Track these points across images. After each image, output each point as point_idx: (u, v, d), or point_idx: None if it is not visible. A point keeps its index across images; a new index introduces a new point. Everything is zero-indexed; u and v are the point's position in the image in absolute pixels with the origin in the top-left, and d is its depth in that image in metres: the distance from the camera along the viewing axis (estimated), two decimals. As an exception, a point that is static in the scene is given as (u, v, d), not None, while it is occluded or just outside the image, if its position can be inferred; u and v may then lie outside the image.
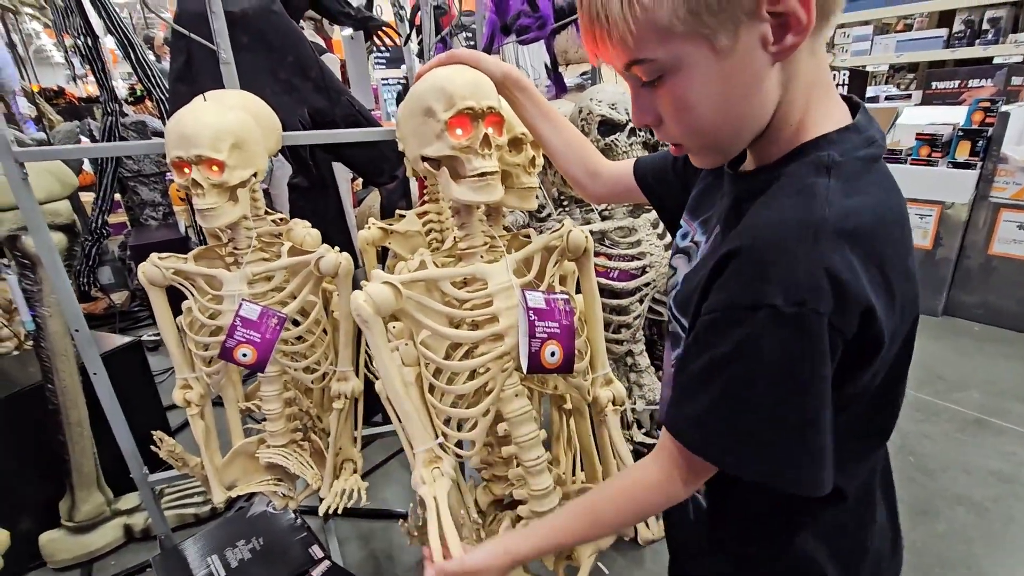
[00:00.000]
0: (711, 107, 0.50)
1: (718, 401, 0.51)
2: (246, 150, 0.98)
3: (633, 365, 1.34)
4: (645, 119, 0.54)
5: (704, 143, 0.54)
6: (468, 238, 0.92)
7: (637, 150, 1.18)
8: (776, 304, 0.46)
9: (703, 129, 0.51)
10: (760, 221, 0.50)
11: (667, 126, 0.53)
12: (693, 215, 0.69)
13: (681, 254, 0.68)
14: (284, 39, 1.63)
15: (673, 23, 0.45)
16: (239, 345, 1.01)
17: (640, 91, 0.52)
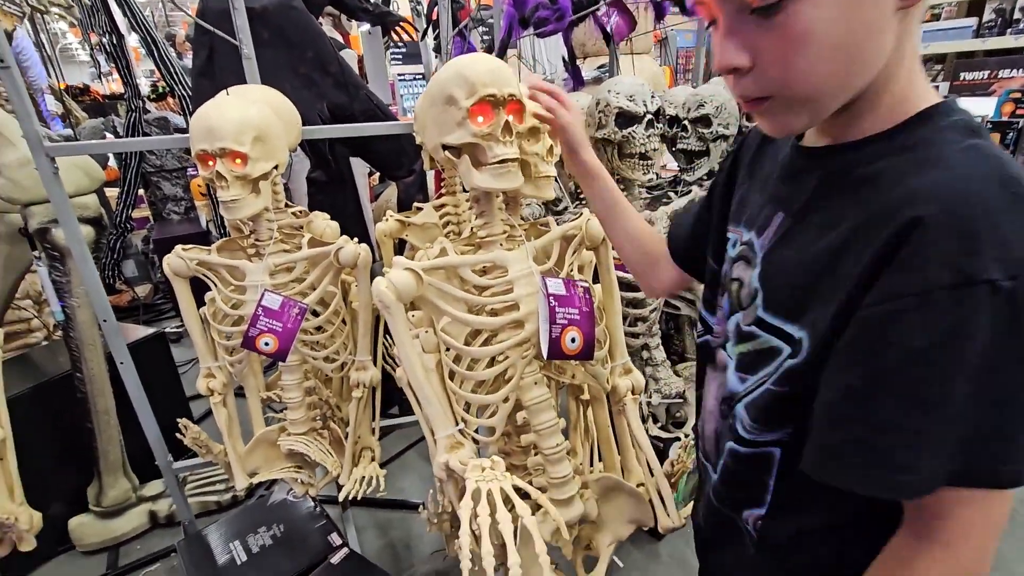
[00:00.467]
0: (828, 47, 0.42)
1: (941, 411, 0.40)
2: (268, 143, 1.00)
3: (649, 359, 1.34)
4: (736, 60, 0.45)
5: (801, 94, 0.45)
6: (488, 226, 0.92)
7: (655, 142, 1.17)
8: (994, 279, 0.37)
9: (810, 74, 0.44)
10: (936, 184, 0.41)
11: (762, 70, 0.45)
12: (735, 221, 0.62)
13: (740, 261, 0.59)
14: (304, 35, 1.65)
15: None
16: (261, 334, 1.03)
17: (741, 24, 0.44)
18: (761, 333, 0.53)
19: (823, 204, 0.49)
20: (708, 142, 1.38)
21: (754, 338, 0.54)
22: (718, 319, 0.63)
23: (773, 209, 0.55)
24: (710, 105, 1.35)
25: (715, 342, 0.64)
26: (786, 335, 0.50)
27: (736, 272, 0.59)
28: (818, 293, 0.46)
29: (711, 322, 0.67)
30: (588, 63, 2.02)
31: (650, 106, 1.17)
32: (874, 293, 0.42)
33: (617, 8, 1.43)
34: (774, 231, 0.54)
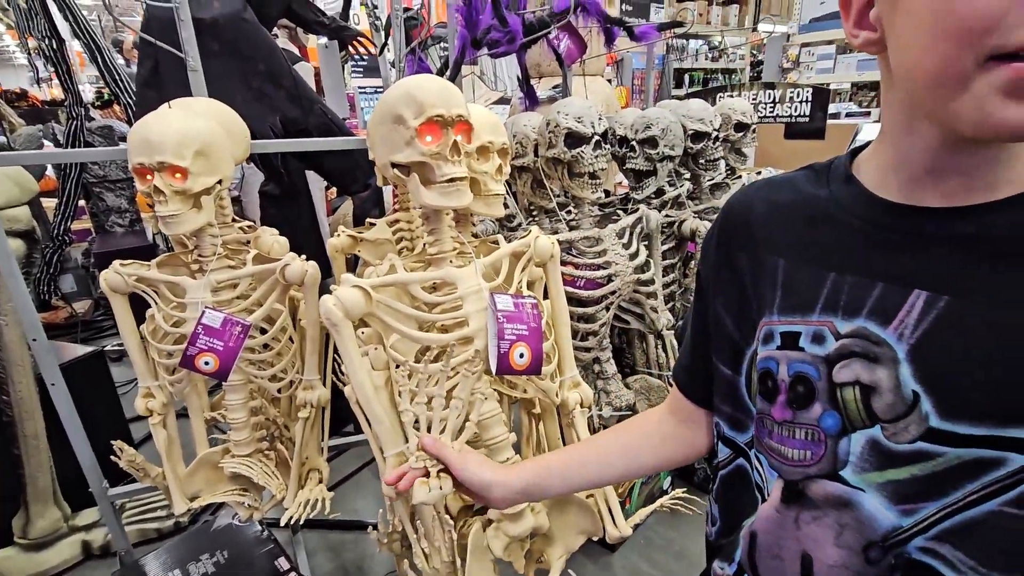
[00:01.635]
0: None
1: None
2: (211, 157, 0.98)
3: (600, 372, 1.37)
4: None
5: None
6: (438, 243, 0.93)
7: (602, 162, 1.21)
8: None
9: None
10: None
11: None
12: (801, 310, 0.49)
13: (854, 359, 0.45)
14: (256, 47, 1.63)
15: None
16: (201, 353, 0.99)
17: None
18: (946, 449, 0.41)
19: (1008, 276, 0.40)
20: (655, 162, 1.43)
21: (929, 458, 0.42)
22: (799, 441, 0.49)
23: (894, 288, 0.44)
24: (656, 127, 1.41)
25: (799, 472, 0.49)
26: (1016, 443, 0.39)
27: (846, 375, 0.45)
28: None
29: (741, 440, 0.57)
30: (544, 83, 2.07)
31: (598, 127, 1.21)
32: None
33: (568, 32, 1.48)
34: (919, 315, 0.42)
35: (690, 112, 1.50)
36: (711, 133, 1.50)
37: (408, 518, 0.90)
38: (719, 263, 0.58)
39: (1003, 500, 0.40)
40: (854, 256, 0.46)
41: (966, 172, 0.41)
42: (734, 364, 0.55)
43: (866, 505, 0.45)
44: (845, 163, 0.51)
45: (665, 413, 0.70)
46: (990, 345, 0.40)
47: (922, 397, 0.42)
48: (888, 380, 0.43)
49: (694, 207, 1.58)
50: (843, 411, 0.46)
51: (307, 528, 1.73)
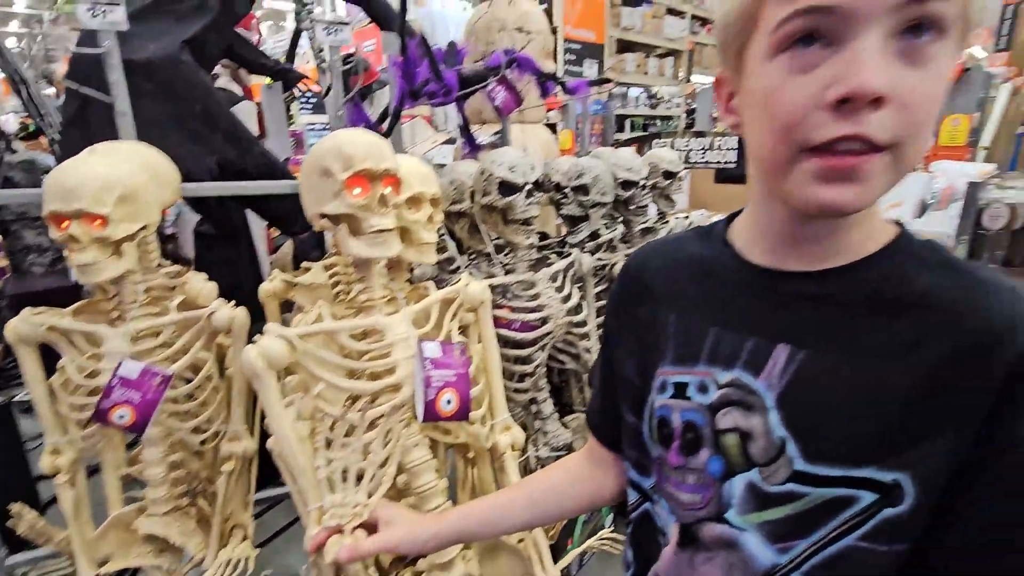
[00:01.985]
0: (936, 112, 0.39)
1: None
2: (134, 203, 0.96)
3: (538, 412, 1.39)
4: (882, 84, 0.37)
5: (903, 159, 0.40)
6: (367, 291, 0.94)
7: (533, 210, 1.27)
8: None
9: (921, 133, 0.39)
10: (1007, 304, 0.42)
11: (889, 113, 0.38)
12: (682, 361, 0.53)
13: (728, 408, 0.49)
14: (192, 89, 1.62)
15: None
16: (116, 406, 0.95)
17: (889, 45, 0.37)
18: (810, 490, 0.45)
19: (858, 332, 0.45)
20: (587, 208, 1.51)
21: (796, 498, 0.45)
22: (690, 486, 0.52)
23: (763, 342, 0.48)
24: (588, 175, 1.49)
25: (690, 516, 0.52)
26: (865, 482, 0.43)
27: (727, 422, 0.49)
28: (913, 430, 0.42)
29: (646, 485, 0.59)
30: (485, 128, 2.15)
31: (529, 177, 1.27)
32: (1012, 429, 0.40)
33: (504, 85, 1.56)
34: (783, 367, 0.47)
35: (619, 162, 1.59)
36: (639, 182, 1.60)
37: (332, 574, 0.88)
38: (621, 316, 0.62)
39: (858, 535, 0.44)
40: (731, 312, 0.51)
41: (814, 240, 0.47)
42: (637, 411, 0.58)
43: (749, 545, 0.48)
44: (723, 228, 0.57)
45: (583, 456, 0.72)
46: (840, 395, 0.44)
47: (788, 442, 0.46)
48: (761, 426, 0.47)
49: (625, 251, 1.66)
50: (725, 456, 0.49)
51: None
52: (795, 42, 0.39)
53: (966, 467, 0.42)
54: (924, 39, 0.37)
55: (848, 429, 0.44)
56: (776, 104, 0.41)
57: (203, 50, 1.71)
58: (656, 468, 0.57)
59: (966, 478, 0.42)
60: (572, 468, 0.72)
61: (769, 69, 0.41)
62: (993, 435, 0.41)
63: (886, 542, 0.44)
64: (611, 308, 0.65)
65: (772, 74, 0.41)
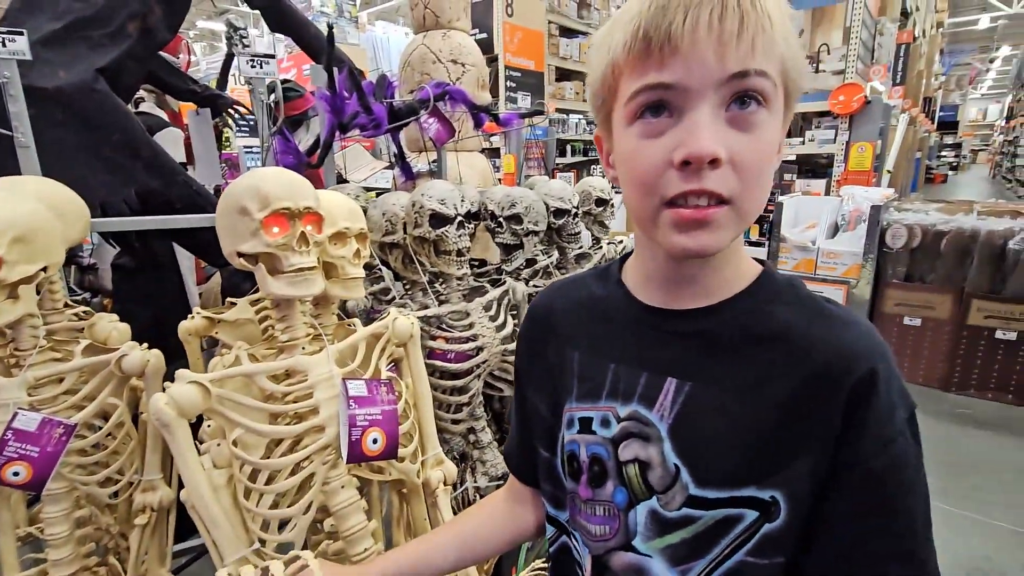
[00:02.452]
0: (770, 167, 0.46)
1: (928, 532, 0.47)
2: (33, 243, 0.90)
3: (475, 442, 1.39)
4: (715, 149, 0.42)
5: (753, 206, 0.46)
6: (289, 330, 0.92)
7: (465, 241, 1.29)
8: (914, 405, 0.47)
9: (756, 190, 0.45)
10: (862, 337, 0.47)
11: (726, 171, 0.43)
12: (585, 397, 0.56)
13: (629, 440, 0.52)
14: (108, 116, 1.54)
15: (784, 45, 0.44)
16: (10, 463, 0.88)
17: (718, 116, 0.43)
18: (703, 512, 0.48)
19: (731, 364, 0.49)
20: (521, 237, 1.54)
21: (692, 521, 0.49)
22: (600, 517, 0.54)
23: (654, 376, 0.51)
24: (520, 205, 1.52)
25: (601, 547, 0.54)
26: (748, 501, 0.47)
27: (627, 453, 0.52)
28: (782, 451, 0.46)
29: (562, 519, 0.61)
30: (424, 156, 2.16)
31: (460, 208, 1.29)
32: (867, 443, 0.45)
33: (436, 117, 1.58)
34: (672, 399, 0.50)
35: (551, 191, 1.64)
36: (571, 210, 1.65)
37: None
38: (531, 356, 0.65)
39: (745, 551, 0.48)
40: (626, 349, 0.55)
41: (691, 280, 0.52)
42: (550, 447, 0.61)
43: (654, 570, 0.51)
44: (617, 269, 0.60)
45: (505, 494, 0.73)
46: (720, 422, 0.49)
47: (681, 469, 0.49)
48: (657, 455, 0.50)
49: (560, 276, 1.71)
50: (628, 486, 0.52)
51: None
52: (645, 111, 0.45)
53: (824, 485, 0.47)
54: (749, 109, 0.44)
55: (730, 453, 0.48)
56: (636, 165, 0.46)
57: (120, 77, 1.65)
58: (569, 502, 0.59)
59: (823, 496, 0.47)
60: (496, 506, 0.73)
61: (628, 134, 0.47)
62: (840, 455, 0.46)
63: (768, 555, 0.48)
64: (521, 348, 0.68)
65: (631, 139, 0.47)
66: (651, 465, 0.50)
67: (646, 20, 0.43)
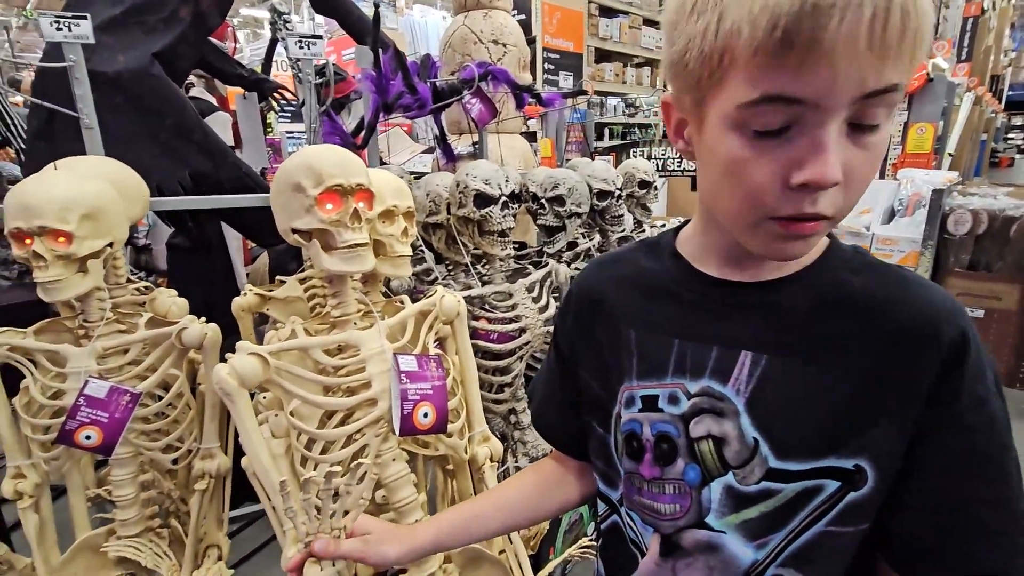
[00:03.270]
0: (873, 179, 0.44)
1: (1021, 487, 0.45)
2: (100, 220, 0.94)
3: (517, 423, 1.39)
4: (838, 175, 0.40)
5: (840, 219, 0.44)
6: (341, 306, 0.94)
7: (509, 221, 1.28)
8: (996, 365, 0.47)
9: (858, 199, 0.43)
10: (945, 299, 0.46)
11: (850, 188, 0.41)
12: (656, 374, 0.54)
13: (704, 415, 0.51)
14: (164, 101, 1.59)
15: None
16: (82, 427, 0.93)
17: (838, 140, 0.39)
18: (783, 485, 0.47)
19: (807, 334, 0.48)
20: (564, 219, 1.52)
21: (772, 495, 0.48)
22: (669, 496, 0.53)
23: (726, 350, 0.50)
24: (563, 186, 1.50)
25: (671, 525, 0.53)
26: (830, 471, 0.46)
27: (700, 430, 0.51)
28: (865, 418, 0.45)
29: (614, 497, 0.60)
30: (465, 139, 2.15)
31: (505, 189, 1.28)
32: (963, 403, 0.44)
33: (479, 97, 1.57)
34: (748, 372, 0.49)
35: (594, 172, 1.61)
36: (614, 192, 1.62)
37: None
38: (576, 335, 0.63)
39: (826, 520, 0.47)
40: (690, 324, 0.53)
41: (760, 258, 0.50)
42: (604, 423, 0.59)
43: (729, 546, 0.50)
44: (670, 241, 0.58)
45: (552, 462, 0.73)
46: (800, 393, 0.47)
47: (760, 442, 0.48)
48: (733, 430, 0.49)
49: (603, 259, 1.68)
50: (701, 463, 0.51)
51: (210, 609, 1.58)
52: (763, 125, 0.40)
53: (913, 447, 0.46)
54: (876, 124, 0.40)
55: (810, 424, 0.47)
56: (744, 177, 0.42)
57: (174, 62, 1.69)
58: (625, 481, 0.58)
59: (914, 457, 0.46)
60: (541, 474, 0.72)
61: (733, 139, 0.42)
62: (934, 415, 0.45)
63: (852, 524, 0.47)
64: (566, 326, 0.65)
65: (735, 144, 0.42)
66: (727, 440, 0.49)
67: (789, 16, 0.36)
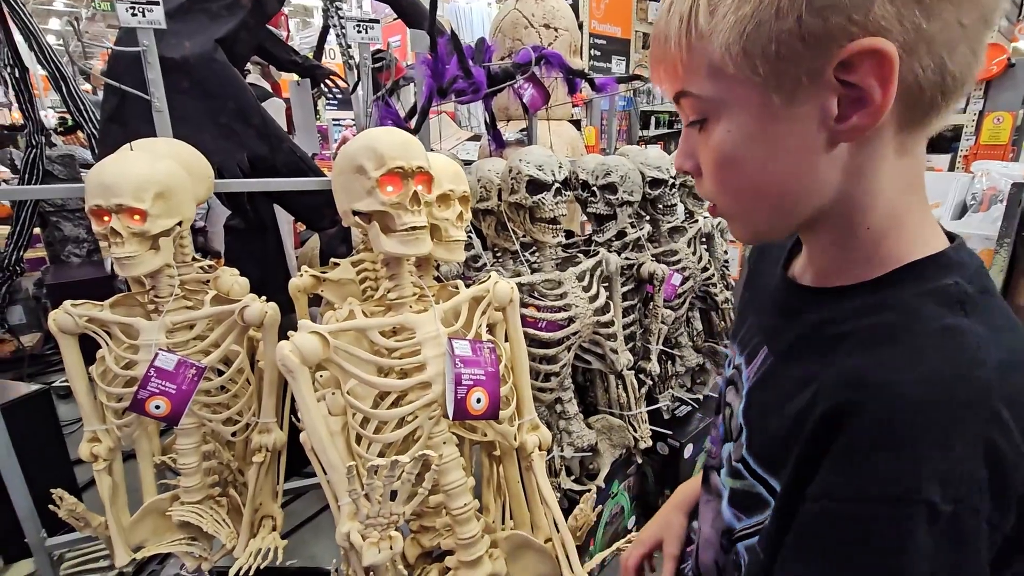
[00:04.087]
0: (751, 169, 0.42)
1: None
2: (171, 199, 0.98)
3: (562, 412, 1.38)
4: (684, 164, 0.47)
5: (738, 210, 0.46)
6: (397, 288, 0.94)
7: (561, 208, 1.26)
8: (934, 501, 0.33)
9: (738, 192, 0.44)
10: (894, 374, 0.36)
11: (705, 179, 0.46)
12: (735, 337, 0.60)
13: (731, 385, 0.57)
14: (226, 86, 1.64)
15: (725, 61, 0.39)
16: (152, 396, 0.97)
17: (688, 131, 0.46)
18: (747, 475, 0.49)
19: (802, 354, 0.46)
20: (615, 207, 1.49)
21: (741, 476, 0.50)
22: (713, 438, 0.60)
23: (760, 341, 0.53)
24: (615, 174, 1.47)
25: (711, 462, 0.61)
26: (769, 486, 0.46)
27: (729, 396, 0.57)
28: (788, 452, 0.42)
29: (710, 438, 0.65)
30: (512, 125, 2.14)
31: (558, 175, 1.26)
32: (815, 484, 0.38)
33: (532, 82, 1.54)
34: (758, 366, 0.51)
35: (648, 160, 1.57)
36: (668, 180, 1.57)
37: (363, 569, 0.89)
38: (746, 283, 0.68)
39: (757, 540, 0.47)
40: (762, 308, 0.57)
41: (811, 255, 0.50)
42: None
43: (724, 503, 0.54)
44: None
45: None
46: (775, 405, 0.46)
47: (743, 429, 0.51)
48: (736, 408, 0.54)
49: (653, 250, 1.64)
50: (725, 423, 0.58)
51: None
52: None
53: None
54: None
55: (767, 437, 0.48)
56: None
57: (235, 48, 1.74)
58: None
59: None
60: None
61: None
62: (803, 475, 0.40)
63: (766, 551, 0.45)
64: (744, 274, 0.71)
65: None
66: (733, 414, 0.55)
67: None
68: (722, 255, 1.88)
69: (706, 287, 1.77)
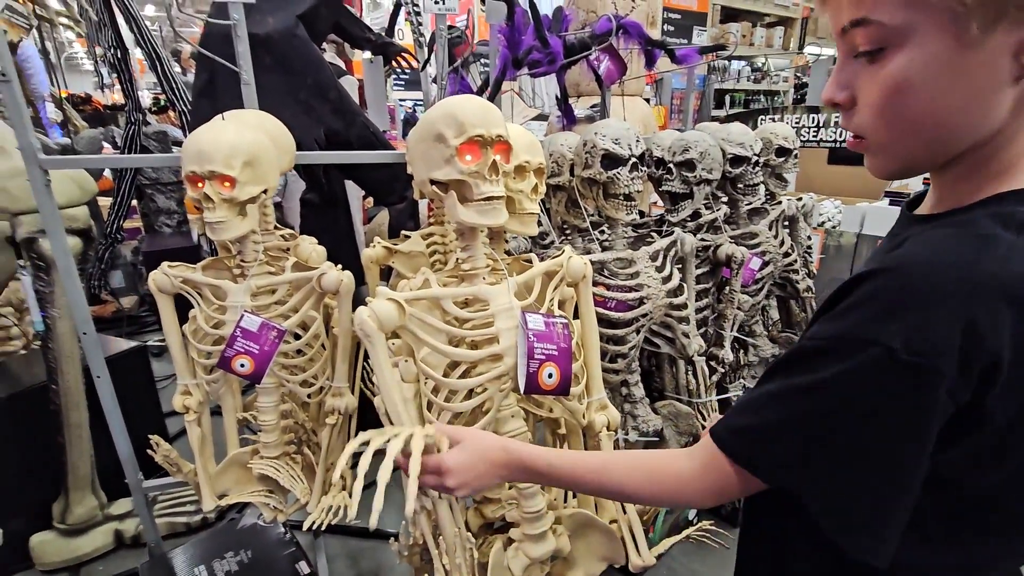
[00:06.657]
0: (925, 101, 0.41)
1: (789, 423, 0.46)
2: (258, 168, 1.02)
3: (628, 396, 1.35)
4: (837, 96, 0.45)
5: (895, 142, 0.45)
6: (471, 259, 0.94)
7: (638, 184, 1.21)
8: (893, 347, 0.39)
9: (905, 124, 0.43)
10: (911, 254, 0.43)
11: (861, 112, 0.45)
12: None
13: None
14: (305, 62, 1.69)
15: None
16: (238, 355, 1.03)
17: (848, 62, 0.44)
18: None
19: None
20: (692, 185, 1.42)
21: None
22: None
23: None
24: (694, 150, 1.39)
25: None
26: None
27: None
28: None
29: None
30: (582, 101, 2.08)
31: (635, 150, 1.21)
32: (808, 330, 0.48)
33: (609, 54, 1.48)
34: None
35: (730, 136, 1.48)
36: (751, 158, 1.48)
37: (430, 533, 0.90)
38: None
39: None
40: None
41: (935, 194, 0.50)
42: None
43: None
44: None
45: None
46: None
47: None
48: None
49: (730, 232, 1.55)
50: None
51: (329, 533, 1.75)
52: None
53: None
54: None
55: None
56: None
57: (315, 24, 1.78)
58: None
59: None
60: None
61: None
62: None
63: None
64: None
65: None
66: None
67: None
68: (805, 240, 1.76)
69: (787, 273, 1.66)
